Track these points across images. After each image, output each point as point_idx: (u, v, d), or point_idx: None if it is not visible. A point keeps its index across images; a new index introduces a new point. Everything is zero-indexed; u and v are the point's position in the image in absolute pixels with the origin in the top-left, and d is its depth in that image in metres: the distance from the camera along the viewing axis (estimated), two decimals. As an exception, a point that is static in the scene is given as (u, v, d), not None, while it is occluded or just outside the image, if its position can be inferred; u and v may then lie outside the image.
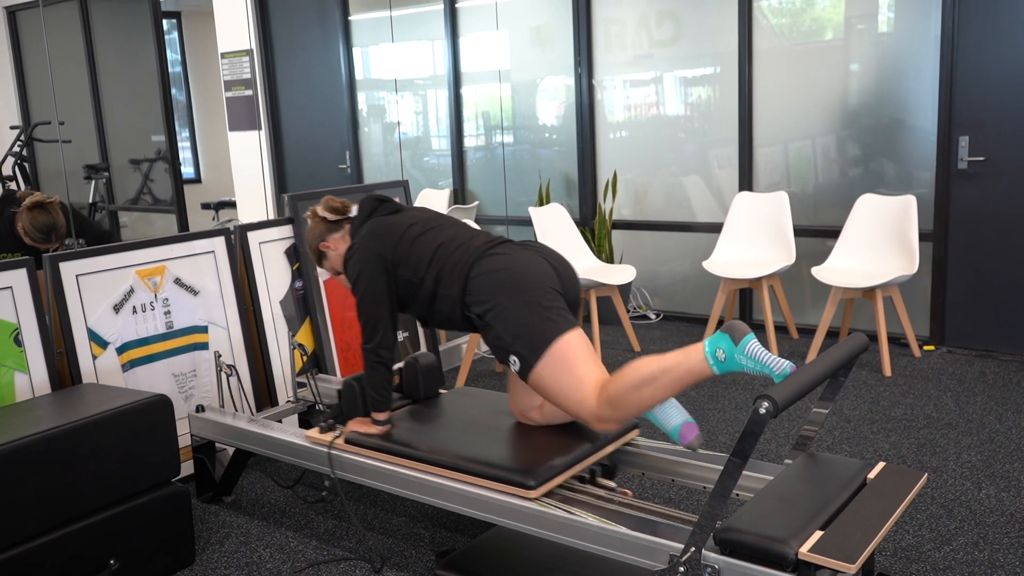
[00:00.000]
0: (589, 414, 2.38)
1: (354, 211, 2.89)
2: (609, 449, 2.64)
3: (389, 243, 2.70)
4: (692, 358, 2.22)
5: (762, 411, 1.89)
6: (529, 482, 2.37)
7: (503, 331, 2.46)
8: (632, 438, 2.74)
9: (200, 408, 3.28)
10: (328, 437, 2.83)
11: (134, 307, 3.36)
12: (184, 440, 3.36)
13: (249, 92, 7.24)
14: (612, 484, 2.61)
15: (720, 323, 5.20)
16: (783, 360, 2.11)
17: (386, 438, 2.72)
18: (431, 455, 2.58)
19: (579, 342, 2.43)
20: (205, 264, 3.59)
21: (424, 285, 2.63)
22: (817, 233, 5.12)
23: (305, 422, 3.68)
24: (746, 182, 5.30)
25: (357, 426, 2.80)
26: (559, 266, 2.60)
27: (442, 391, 3.14)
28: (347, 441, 2.78)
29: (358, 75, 6.98)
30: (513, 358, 2.46)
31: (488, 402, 2.99)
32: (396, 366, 2.86)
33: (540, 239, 5.02)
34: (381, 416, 2.76)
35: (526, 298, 2.46)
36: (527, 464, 2.44)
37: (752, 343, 2.15)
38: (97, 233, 4.55)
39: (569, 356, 2.40)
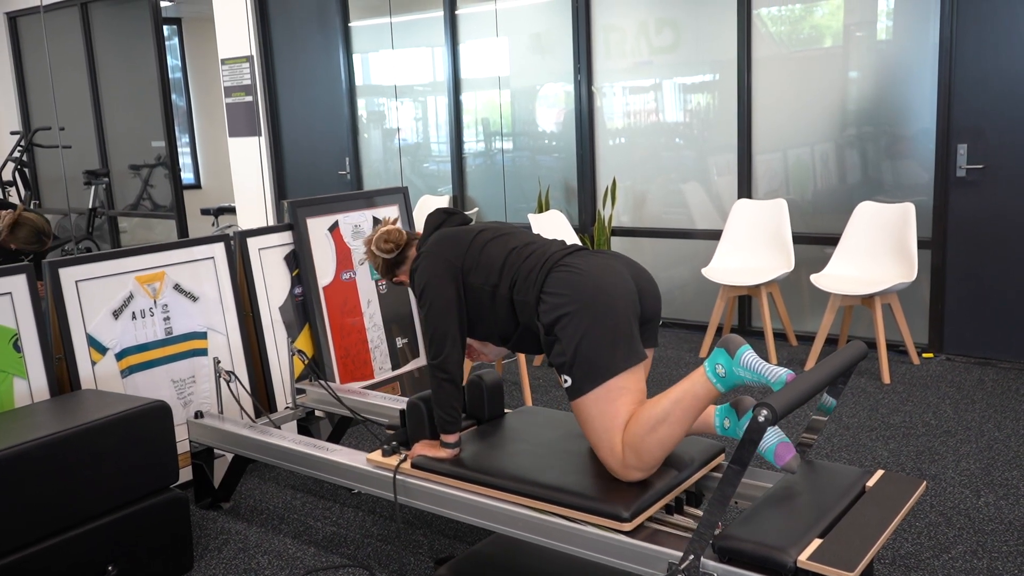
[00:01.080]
0: (617, 463, 2.29)
1: (407, 236, 2.77)
2: (697, 476, 2.48)
3: (459, 249, 2.55)
4: (696, 383, 2.22)
5: (761, 419, 1.89)
6: (623, 514, 2.19)
7: (567, 347, 2.31)
8: (719, 463, 2.58)
9: (199, 414, 3.28)
10: (393, 461, 2.63)
11: (133, 313, 3.36)
12: (183, 446, 3.36)
13: (249, 98, 7.26)
14: (699, 513, 2.48)
15: (719, 331, 5.21)
16: (779, 368, 2.13)
17: (457, 463, 2.52)
18: (510, 483, 2.39)
19: (632, 386, 2.31)
20: (204, 270, 3.59)
21: (499, 292, 2.48)
22: (816, 240, 5.12)
23: (304, 429, 3.68)
24: (745, 189, 5.31)
25: (424, 449, 2.59)
26: (639, 278, 2.45)
27: (507, 411, 2.96)
28: (414, 465, 2.58)
29: (358, 81, 6.99)
30: (567, 377, 2.34)
31: (557, 423, 2.80)
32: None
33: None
34: (451, 439, 2.55)
35: (598, 316, 2.30)
36: (617, 495, 2.26)
37: (747, 354, 2.16)
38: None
39: (617, 399, 2.29)
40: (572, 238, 5.29)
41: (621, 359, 2.30)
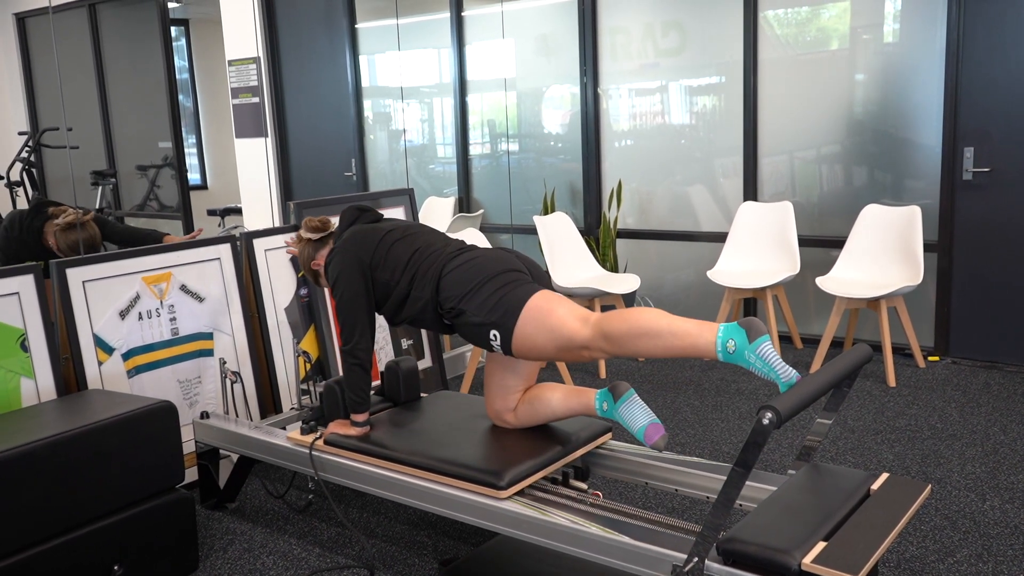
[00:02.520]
0: (583, 340, 2.40)
1: (335, 224, 2.96)
2: (581, 451, 2.70)
3: (368, 247, 2.76)
4: (703, 337, 2.21)
5: (765, 421, 1.89)
6: (499, 482, 2.43)
7: (476, 311, 2.51)
8: (604, 441, 2.81)
9: (205, 414, 3.29)
10: (309, 439, 2.89)
11: (140, 313, 3.37)
12: (189, 446, 3.37)
13: (256, 99, 7.27)
14: (583, 486, 2.64)
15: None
16: (791, 369, 2.11)
17: (365, 440, 2.78)
18: (407, 456, 2.64)
19: (549, 295, 2.50)
20: (211, 271, 3.61)
21: (399, 287, 2.69)
22: (822, 243, 5.12)
23: (309, 429, 3.69)
24: (751, 192, 5.31)
25: (337, 428, 2.86)
26: (525, 260, 2.67)
27: (423, 395, 3.20)
28: (327, 442, 2.83)
29: (364, 83, 7.00)
30: (493, 333, 2.50)
31: (467, 406, 3.04)
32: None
33: (545, 248, 5.02)
34: (360, 417, 2.81)
35: (493, 280, 2.53)
36: (498, 465, 2.49)
37: (765, 344, 2.14)
38: (122, 235, 4.53)
39: (544, 305, 2.46)
40: (577, 241, 5.30)
41: (525, 292, 2.50)
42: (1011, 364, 4.63)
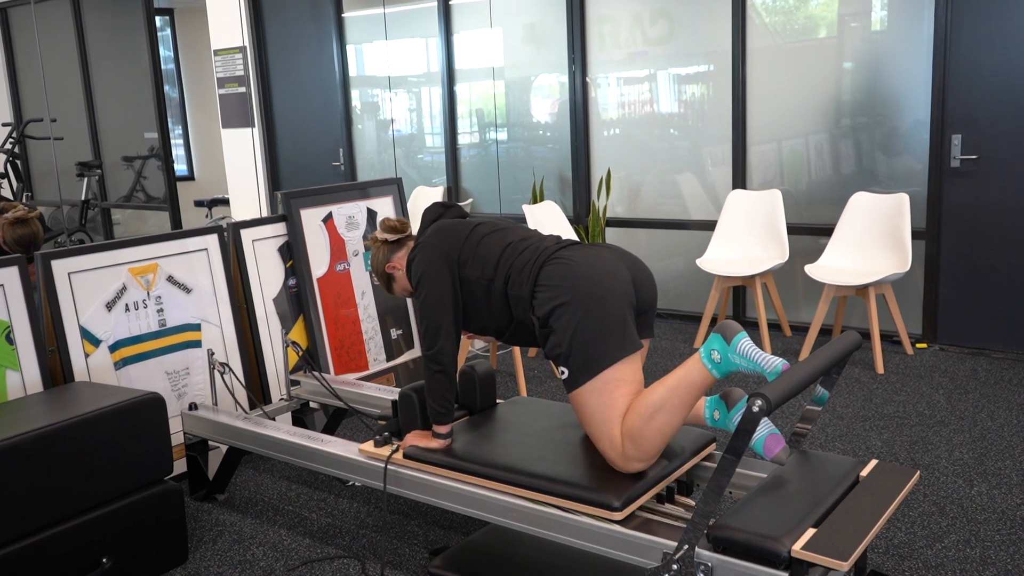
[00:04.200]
0: (616, 455, 2.29)
1: (414, 228, 2.82)
2: (688, 465, 2.49)
3: (456, 242, 2.56)
4: (692, 370, 2.22)
5: (755, 409, 1.90)
6: (614, 504, 2.20)
7: (562, 338, 2.32)
8: (711, 451, 2.59)
9: (193, 406, 3.28)
10: (385, 452, 2.64)
11: (127, 305, 3.35)
12: (177, 438, 3.35)
13: (242, 89, 7.23)
14: (691, 502, 2.50)
15: (714, 321, 5.21)
16: (775, 358, 2.13)
17: (449, 453, 2.53)
18: (502, 473, 2.40)
19: (629, 377, 2.32)
20: (198, 262, 3.58)
21: (493, 286, 2.48)
22: (810, 231, 5.13)
23: (299, 420, 3.67)
24: (740, 180, 5.31)
25: (416, 440, 2.60)
26: (634, 269, 2.46)
27: (499, 401, 2.97)
28: (406, 456, 2.59)
29: (352, 72, 6.97)
30: (563, 368, 2.35)
31: (549, 413, 2.81)
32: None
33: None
34: (443, 429, 2.56)
35: (593, 307, 2.31)
36: (609, 484, 2.27)
37: (743, 341, 2.16)
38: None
39: (614, 390, 2.30)
40: (567, 229, 5.29)
41: (616, 349, 2.30)
42: (998, 350, 4.65)
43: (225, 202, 7.95)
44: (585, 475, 2.33)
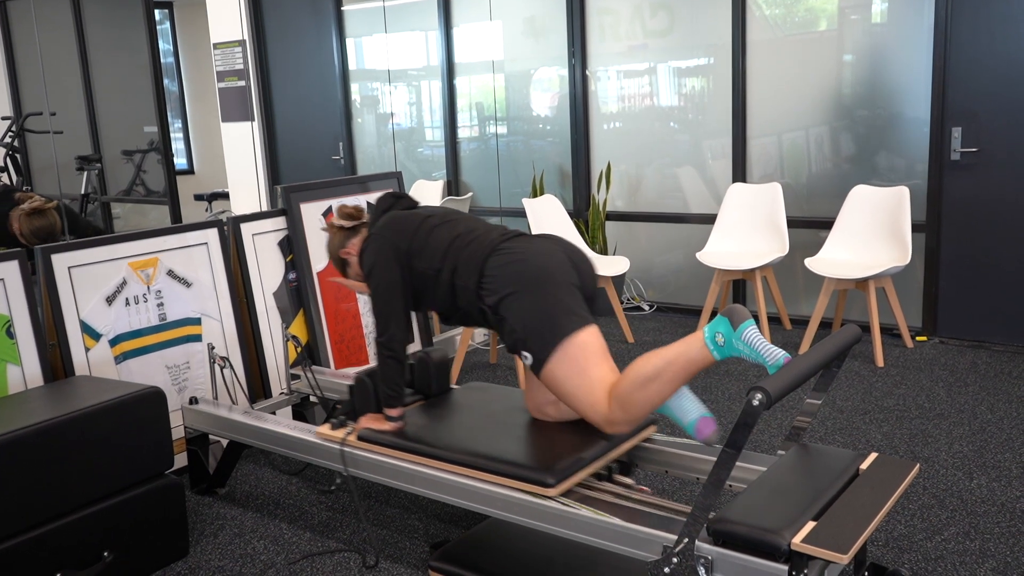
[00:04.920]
0: (600, 418, 2.36)
1: (368, 215, 2.86)
2: (627, 446, 2.59)
3: (405, 233, 2.65)
4: (693, 347, 2.22)
5: (755, 402, 1.90)
6: (548, 480, 2.32)
7: (516, 324, 2.42)
8: (650, 435, 2.70)
9: (193, 400, 3.28)
10: (340, 434, 2.76)
11: (127, 299, 3.35)
12: (178, 432, 3.36)
13: (242, 83, 7.21)
14: (630, 481, 2.57)
15: (714, 315, 5.21)
16: (778, 350, 2.11)
17: (400, 435, 2.65)
18: (447, 452, 2.52)
19: (593, 342, 2.39)
20: (198, 256, 3.58)
21: (440, 277, 2.58)
22: (810, 224, 5.12)
23: (299, 414, 3.67)
24: (740, 173, 5.30)
25: (370, 422, 2.73)
26: (575, 256, 2.56)
27: (454, 386, 3.08)
28: (359, 438, 2.72)
29: (351, 66, 6.95)
30: (525, 353, 2.42)
31: (502, 398, 2.93)
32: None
33: (534, 231, 5.01)
34: (394, 412, 2.69)
35: (541, 291, 2.42)
36: (546, 462, 2.39)
37: (750, 329, 2.14)
38: (87, 229, 4.56)
39: (582, 356, 2.37)
40: (567, 223, 5.29)
41: (570, 322, 2.40)
42: (998, 343, 4.65)
43: (225, 196, 7.94)
44: (524, 455, 2.47)
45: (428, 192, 6.43)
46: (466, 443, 2.56)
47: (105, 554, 2.63)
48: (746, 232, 5.05)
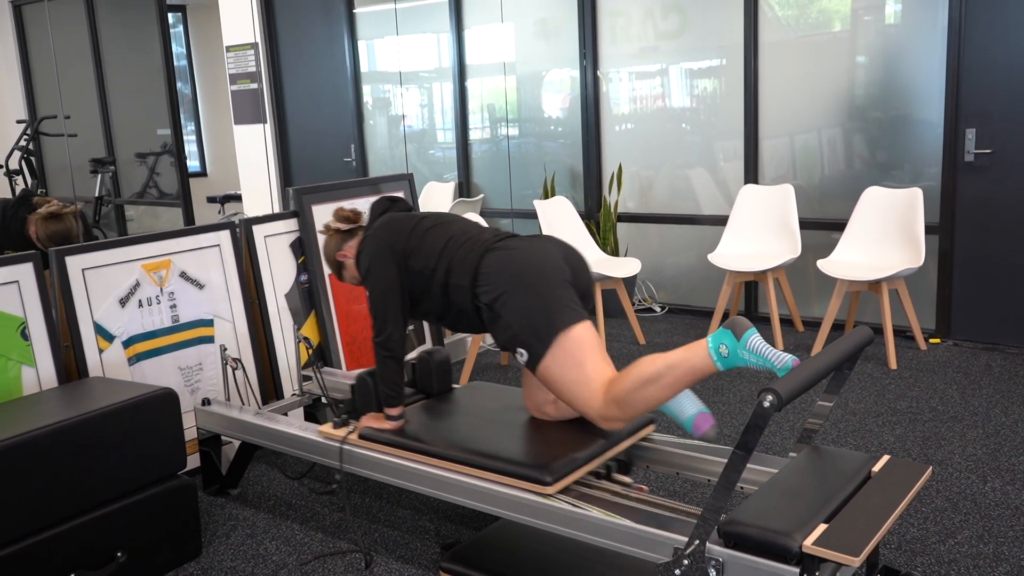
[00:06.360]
0: (596, 413, 2.38)
1: (366, 218, 2.91)
2: (625, 445, 2.62)
3: (401, 234, 2.69)
4: (696, 355, 2.22)
5: (766, 404, 1.89)
6: (546, 478, 2.35)
7: (511, 320, 2.45)
8: (648, 433, 2.72)
9: (206, 401, 3.30)
10: (341, 432, 2.81)
11: (140, 301, 3.37)
12: (190, 433, 3.37)
13: (254, 85, 7.25)
14: (628, 480, 2.60)
15: (725, 316, 5.20)
16: (785, 354, 2.12)
17: (400, 433, 2.69)
18: (445, 450, 2.56)
19: (588, 337, 2.42)
20: (211, 258, 3.60)
21: (435, 276, 2.61)
22: (823, 226, 5.10)
23: (311, 415, 3.69)
24: (752, 175, 5.29)
25: (370, 421, 2.77)
26: (570, 256, 2.59)
27: (455, 386, 3.11)
28: (361, 436, 2.76)
29: (363, 68, 6.98)
30: (520, 349, 2.45)
31: (502, 397, 2.97)
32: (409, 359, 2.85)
33: (545, 232, 5.01)
34: (394, 411, 2.73)
35: (535, 288, 2.45)
36: (543, 460, 2.41)
37: (754, 338, 2.15)
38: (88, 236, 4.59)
39: (578, 351, 2.39)
40: (578, 225, 5.29)
41: (565, 317, 2.42)
42: (1012, 346, 4.62)
43: (237, 198, 7.98)
44: (522, 453, 2.50)
45: (439, 194, 6.44)
46: (465, 441, 2.60)
47: (119, 555, 2.65)
48: (758, 234, 5.04)
